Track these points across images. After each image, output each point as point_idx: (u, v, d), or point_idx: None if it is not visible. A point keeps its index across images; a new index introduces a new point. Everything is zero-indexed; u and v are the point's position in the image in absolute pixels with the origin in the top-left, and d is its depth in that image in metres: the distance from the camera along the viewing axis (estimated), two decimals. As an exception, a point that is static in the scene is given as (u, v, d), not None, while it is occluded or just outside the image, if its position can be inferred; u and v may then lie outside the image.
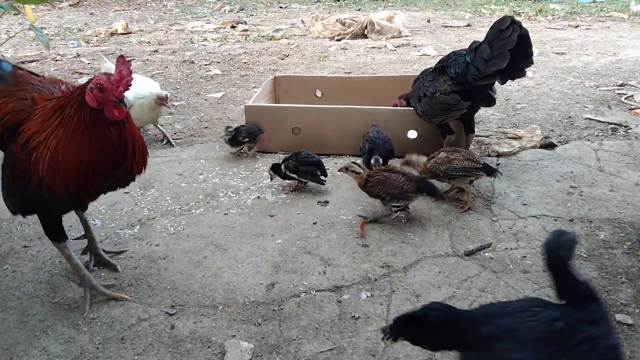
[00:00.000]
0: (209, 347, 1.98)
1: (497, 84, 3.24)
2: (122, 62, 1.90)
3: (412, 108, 3.66)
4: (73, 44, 8.10)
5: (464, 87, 3.13)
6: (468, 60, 3.07)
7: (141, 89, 3.83)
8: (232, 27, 9.58)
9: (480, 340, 1.37)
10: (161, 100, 3.83)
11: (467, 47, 3.26)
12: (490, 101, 3.30)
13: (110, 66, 4.08)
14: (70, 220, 2.91)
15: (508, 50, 2.89)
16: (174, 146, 4.05)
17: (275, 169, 3.17)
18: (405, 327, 1.50)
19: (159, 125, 4.13)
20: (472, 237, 2.67)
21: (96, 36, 8.79)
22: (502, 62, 2.92)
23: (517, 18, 3.04)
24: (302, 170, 3.10)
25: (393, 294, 2.26)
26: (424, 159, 3.03)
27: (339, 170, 2.92)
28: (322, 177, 3.14)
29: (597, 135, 4.02)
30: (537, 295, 2.22)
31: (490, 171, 2.87)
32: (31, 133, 1.98)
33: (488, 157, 3.66)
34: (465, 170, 2.83)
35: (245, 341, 1.99)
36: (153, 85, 4.01)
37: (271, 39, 8.47)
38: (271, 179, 3.21)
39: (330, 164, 3.56)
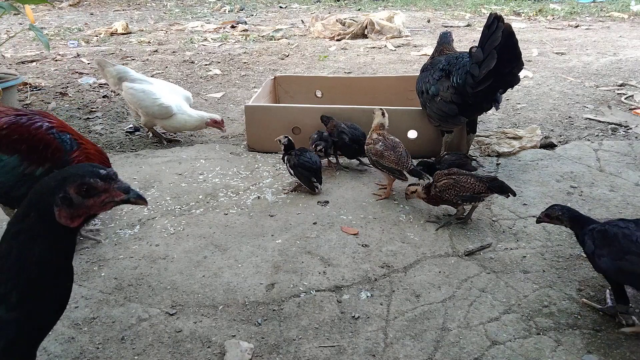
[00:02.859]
0: (209, 347, 1.98)
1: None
2: None
3: (412, 108, 3.67)
4: (73, 44, 8.11)
5: (464, 98, 3.10)
6: (467, 69, 3.03)
7: (184, 106, 3.94)
8: (232, 27, 9.59)
9: None
10: (216, 124, 3.93)
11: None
12: (495, 105, 3.28)
13: (120, 69, 3.97)
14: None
15: (494, 48, 2.83)
16: (164, 144, 4.08)
17: (287, 149, 3.23)
18: None
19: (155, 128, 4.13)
20: (472, 237, 2.67)
21: (96, 36, 8.79)
22: (492, 62, 2.86)
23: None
24: (298, 171, 3.09)
25: (393, 294, 2.26)
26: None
27: (407, 199, 2.89)
28: (316, 184, 3.09)
29: (597, 135, 4.02)
30: (537, 295, 2.22)
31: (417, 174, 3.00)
32: None
33: (488, 157, 3.66)
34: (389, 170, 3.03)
35: (245, 341, 1.98)
36: (187, 96, 4.09)
37: (271, 39, 8.47)
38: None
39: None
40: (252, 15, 11.50)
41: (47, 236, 1.24)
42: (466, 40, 8.04)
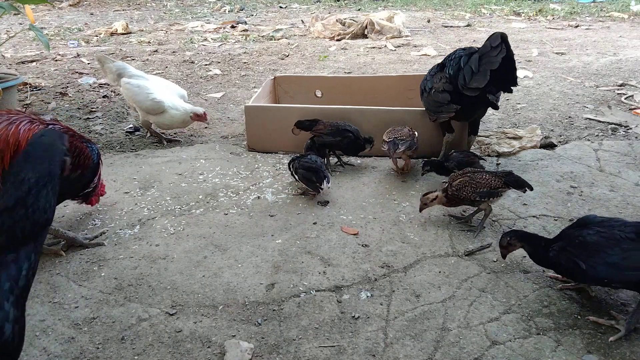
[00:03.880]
0: (209, 347, 1.98)
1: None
2: None
3: (412, 108, 3.68)
4: (73, 44, 8.11)
5: (456, 87, 3.11)
6: (461, 65, 3.04)
7: (176, 101, 3.94)
8: (232, 27, 9.59)
9: None
10: (199, 117, 3.91)
11: (469, 46, 3.24)
12: (493, 104, 3.28)
13: (119, 65, 4.02)
14: (70, 221, 2.92)
15: (490, 70, 2.85)
16: (164, 144, 4.06)
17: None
18: None
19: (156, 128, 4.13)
20: (472, 237, 2.67)
21: (96, 36, 8.80)
22: (482, 81, 2.89)
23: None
24: (300, 174, 3.08)
25: (393, 294, 2.26)
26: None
27: (421, 211, 2.80)
28: (318, 184, 3.02)
29: (597, 135, 4.02)
30: (537, 295, 2.22)
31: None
32: None
33: (488, 157, 3.66)
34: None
35: (245, 341, 1.98)
36: (182, 94, 4.09)
37: (271, 39, 8.48)
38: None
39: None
40: (252, 15, 11.50)
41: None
42: (466, 40, 8.04)
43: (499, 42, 2.84)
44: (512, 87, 3.05)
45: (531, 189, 2.68)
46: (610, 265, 1.92)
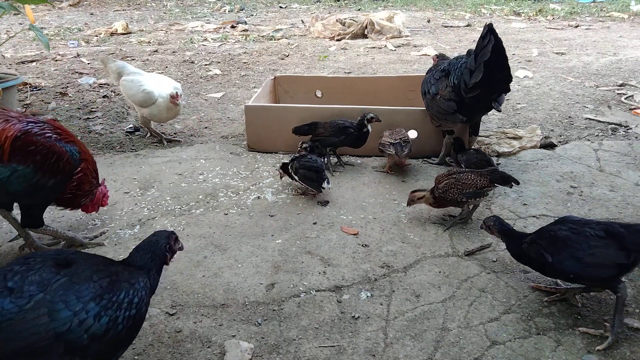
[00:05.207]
0: (209, 347, 1.98)
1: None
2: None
3: (412, 108, 3.68)
4: (73, 44, 8.11)
5: (461, 97, 3.12)
6: (462, 72, 3.07)
7: (163, 89, 3.94)
8: (232, 27, 9.60)
9: None
10: (172, 99, 3.90)
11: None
12: (496, 105, 3.28)
13: (119, 64, 4.07)
14: (70, 221, 2.92)
15: (484, 61, 2.87)
16: (164, 144, 4.06)
17: (284, 168, 3.18)
18: None
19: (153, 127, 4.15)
20: (472, 237, 2.67)
21: (96, 36, 8.80)
22: (479, 74, 2.91)
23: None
24: (301, 174, 3.07)
25: (393, 294, 2.26)
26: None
27: (409, 205, 2.83)
28: (319, 184, 3.01)
29: (597, 135, 4.02)
30: (537, 295, 2.22)
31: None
32: None
33: (488, 157, 3.66)
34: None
35: (245, 341, 1.98)
36: (176, 87, 4.06)
37: (271, 39, 8.48)
38: (280, 178, 3.23)
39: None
40: (252, 15, 11.51)
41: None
42: (466, 40, 8.04)
43: (486, 32, 2.86)
44: (508, 85, 3.06)
45: (517, 183, 2.69)
46: (577, 260, 1.95)
